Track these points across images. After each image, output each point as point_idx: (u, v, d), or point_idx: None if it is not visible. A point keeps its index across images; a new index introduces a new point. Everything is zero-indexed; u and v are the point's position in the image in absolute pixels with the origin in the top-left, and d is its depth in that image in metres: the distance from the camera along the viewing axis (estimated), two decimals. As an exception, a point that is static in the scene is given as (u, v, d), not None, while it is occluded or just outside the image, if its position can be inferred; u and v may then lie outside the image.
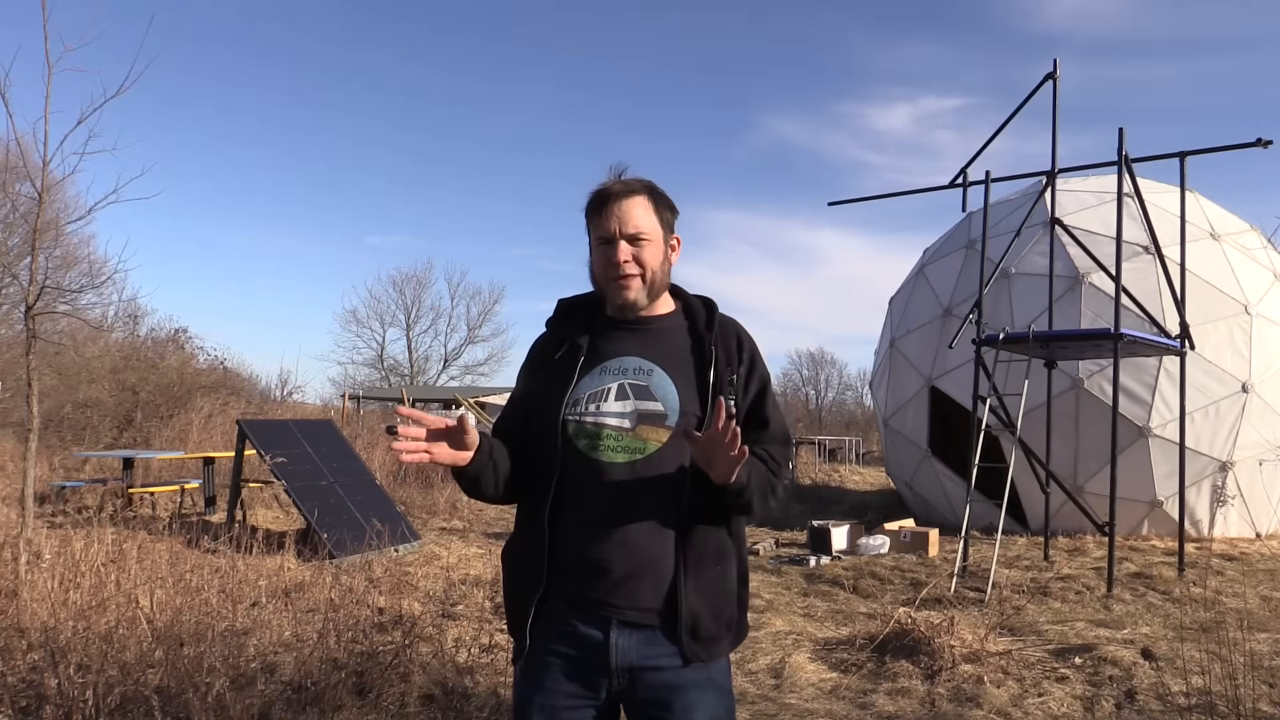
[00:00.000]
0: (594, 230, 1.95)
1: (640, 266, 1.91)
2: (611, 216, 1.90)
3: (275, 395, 29.67)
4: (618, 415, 1.86)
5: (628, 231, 1.90)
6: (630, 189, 1.93)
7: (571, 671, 1.83)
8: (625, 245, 1.90)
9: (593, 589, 1.82)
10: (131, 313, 24.52)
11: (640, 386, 1.88)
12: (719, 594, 1.85)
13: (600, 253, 1.93)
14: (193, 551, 6.71)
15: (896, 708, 4.32)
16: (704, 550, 1.84)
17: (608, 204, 1.91)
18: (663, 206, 1.96)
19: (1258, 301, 10.58)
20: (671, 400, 1.86)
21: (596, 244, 1.95)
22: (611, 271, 1.91)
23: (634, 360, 1.92)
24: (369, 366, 46.57)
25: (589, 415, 1.87)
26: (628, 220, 1.90)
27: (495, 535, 10.13)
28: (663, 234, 1.95)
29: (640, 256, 1.91)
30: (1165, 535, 9.91)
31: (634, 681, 1.81)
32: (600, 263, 1.94)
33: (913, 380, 12.00)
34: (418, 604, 5.58)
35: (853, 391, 50.46)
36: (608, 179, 1.96)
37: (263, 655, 4.05)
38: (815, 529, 9.33)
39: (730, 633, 1.89)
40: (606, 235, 1.91)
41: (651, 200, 1.94)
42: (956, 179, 9.45)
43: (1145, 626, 5.98)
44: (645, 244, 1.91)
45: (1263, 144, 8.10)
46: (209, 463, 11.25)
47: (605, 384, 1.90)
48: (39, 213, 6.78)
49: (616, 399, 1.88)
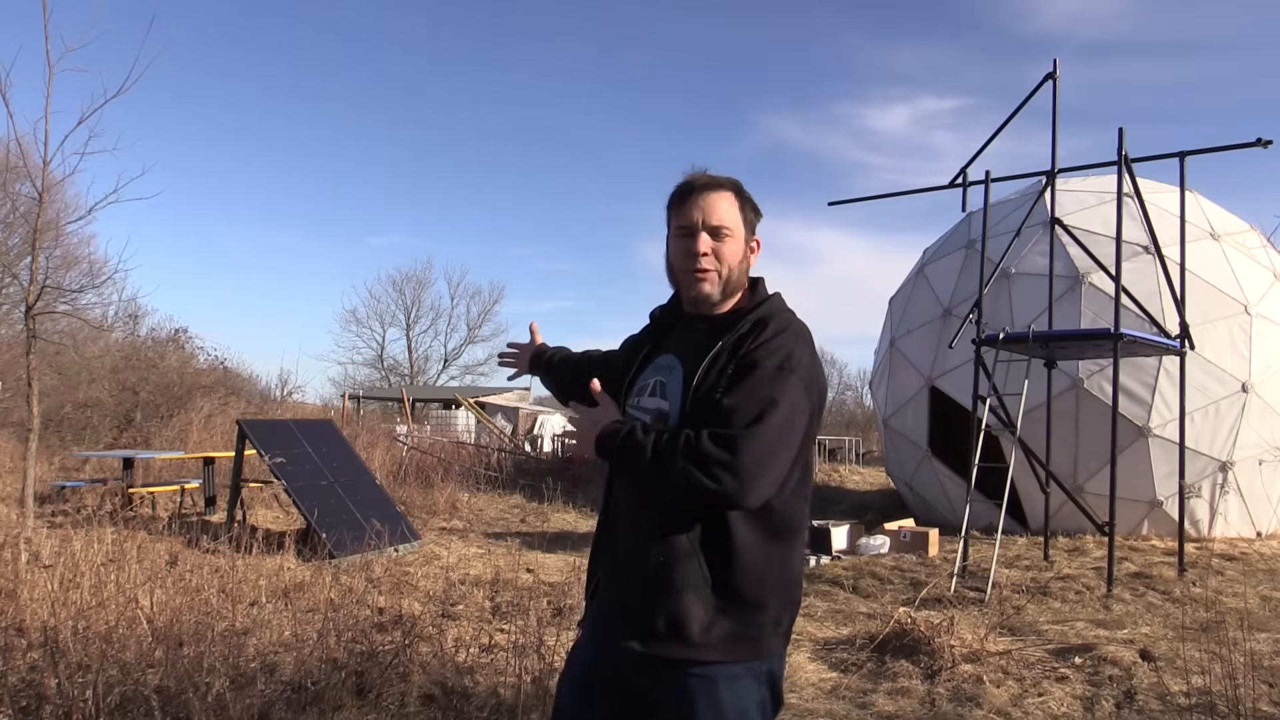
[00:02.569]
0: (675, 219, 1.90)
1: (719, 261, 1.87)
2: (695, 207, 1.86)
3: (275, 395, 29.72)
4: (646, 411, 1.90)
5: (711, 223, 1.86)
6: (717, 183, 1.89)
7: (596, 654, 1.90)
8: (706, 237, 1.86)
9: (608, 575, 1.91)
10: (131, 312, 24.57)
11: (664, 384, 1.90)
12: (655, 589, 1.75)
13: (680, 243, 1.89)
14: (192, 551, 6.71)
15: (896, 708, 4.32)
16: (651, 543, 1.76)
17: (693, 194, 1.87)
18: (747, 207, 1.92)
19: (1258, 301, 10.58)
20: (676, 398, 1.84)
21: (676, 234, 1.90)
22: (689, 262, 1.87)
23: (669, 357, 1.92)
24: (369, 366, 46.66)
25: (631, 408, 1.94)
26: (712, 212, 1.86)
27: (495, 535, 10.13)
28: (745, 233, 1.91)
29: (720, 251, 1.86)
30: (1165, 535, 9.91)
31: (632, 676, 1.82)
32: (679, 253, 1.89)
33: (913, 380, 12.00)
34: (418, 604, 5.58)
35: (853, 391, 50.40)
36: (692, 174, 1.92)
37: (262, 655, 4.05)
38: (815, 529, 9.33)
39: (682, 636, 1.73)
40: (688, 225, 1.87)
41: (738, 197, 1.90)
42: (956, 179, 9.45)
43: (1145, 626, 5.98)
44: (727, 238, 1.87)
45: (1263, 144, 8.10)
46: (209, 463, 11.24)
47: (650, 379, 1.93)
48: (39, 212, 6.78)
49: (650, 395, 1.91)
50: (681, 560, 1.74)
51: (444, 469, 14.09)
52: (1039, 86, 8.69)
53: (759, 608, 1.77)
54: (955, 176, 9.46)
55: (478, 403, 23.30)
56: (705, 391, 1.76)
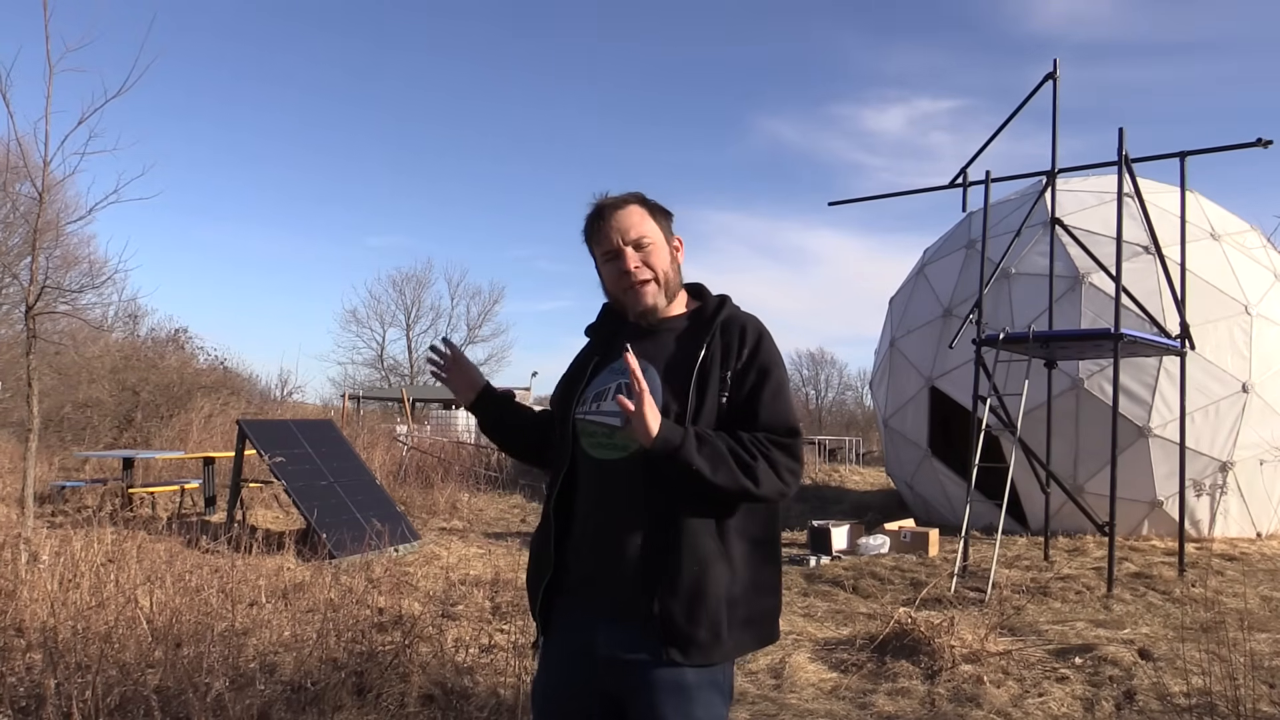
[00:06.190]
0: (597, 248, 1.97)
1: (651, 270, 1.92)
2: (611, 229, 1.93)
3: (275, 395, 29.76)
4: (613, 414, 1.88)
5: (630, 239, 1.92)
6: (622, 200, 1.96)
7: (570, 661, 1.88)
8: (631, 252, 1.91)
9: (581, 582, 1.88)
10: (131, 313, 24.58)
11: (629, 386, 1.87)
12: (693, 596, 1.76)
13: (609, 268, 1.95)
14: (192, 551, 6.71)
15: (896, 708, 4.32)
16: (681, 550, 1.77)
17: (605, 218, 1.94)
18: (656, 212, 1.98)
19: (1258, 301, 10.58)
20: (656, 399, 1.84)
21: (603, 261, 1.96)
22: (625, 280, 1.92)
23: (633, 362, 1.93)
24: (369, 366, 46.66)
25: (591, 413, 1.92)
26: (628, 228, 1.92)
27: (495, 535, 10.13)
28: (663, 236, 1.97)
29: (648, 260, 1.93)
30: (1165, 535, 9.90)
31: (616, 676, 1.81)
32: (611, 277, 1.95)
33: (913, 380, 12.00)
34: (418, 604, 5.58)
35: (853, 391, 50.53)
36: (595, 199, 1.98)
37: (262, 655, 4.05)
38: (815, 529, 9.33)
39: (715, 638, 1.77)
40: (610, 249, 1.93)
41: (644, 207, 1.97)
42: (957, 179, 9.45)
43: (1145, 626, 5.98)
44: (650, 248, 1.93)
45: (1263, 144, 8.09)
46: (209, 463, 11.24)
47: (609, 383, 1.93)
48: (39, 213, 6.78)
49: (614, 397, 1.88)
50: (713, 562, 1.79)
51: (444, 469, 14.10)
52: (1039, 86, 8.69)
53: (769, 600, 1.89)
54: (955, 177, 9.46)
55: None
56: (710, 397, 1.83)
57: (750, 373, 1.85)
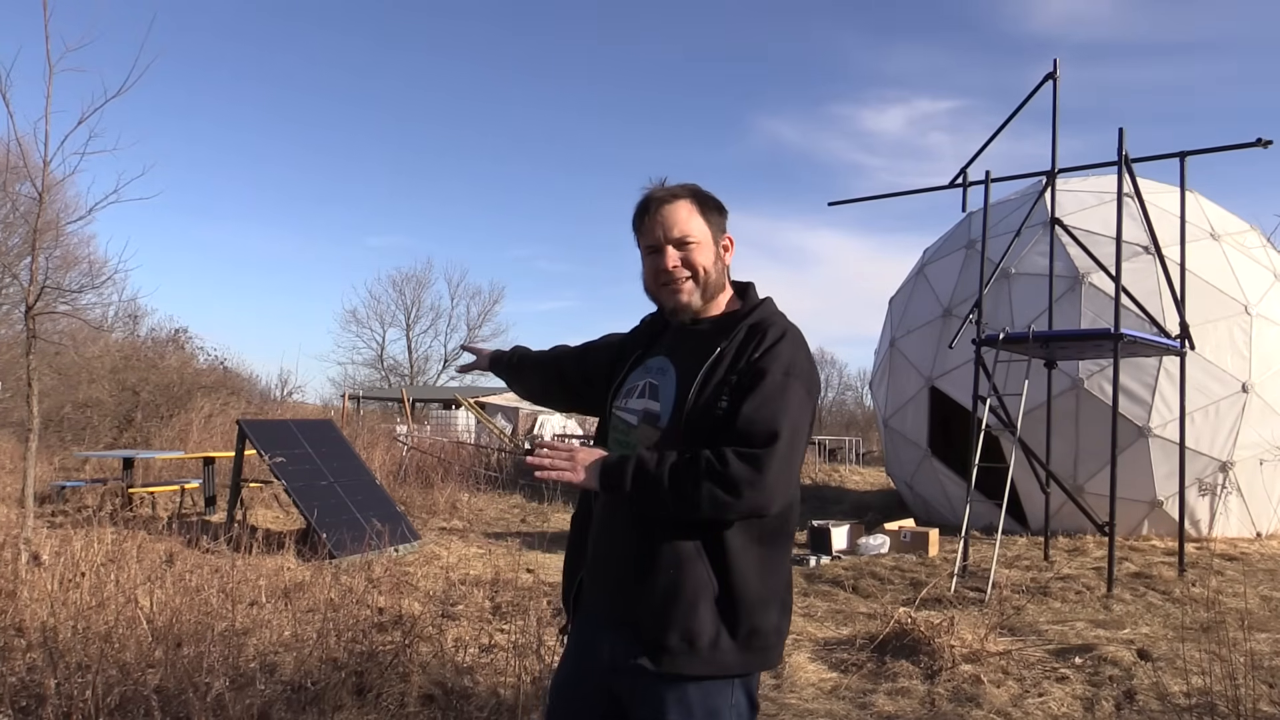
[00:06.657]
0: (641, 240, 1.92)
1: (690, 269, 1.87)
2: (656, 224, 1.87)
3: (275, 395, 29.78)
4: (633, 412, 1.88)
5: (673, 236, 1.87)
6: (673, 194, 1.90)
7: (583, 658, 1.87)
8: (672, 251, 1.87)
9: (591, 581, 1.88)
10: (131, 313, 24.60)
11: (655, 386, 1.88)
12: (668, 604, 1.71)
13: (649, 261, 1.91)
14: (192, 551, 6.71)
15: (896, 708, 4.32)
16: (659, 553, 1.73)
17: (650, 212, 1.89)
18: (709, 208, 1.92)
19: (1258, 301, 10.57)
20: (669, 401, 1.83)
21: (645, 253, 1.92)
22: (661, 278, 1.89)
23: (660, 360, 1.92)
24: (369, 366, 46.68)
25: (619, 408, 1.93)
26: (672, 225, 1.86)
27: (495, 535, 10.13)
28: (711, 235, 1.91)
29: (690, 260, 1.87)
30: (1165, 535, 9.90)
31: (618, 679, 1.80)
32: (650, 271, 1.92)
33: (913, 380, 11.99)
34: (418, 604, 5.57)
35: (853, 391, 50.52)
36: (649, 187, 1.92)
37: (262, 655, 4.05)
38: (815, 529, 9.33)
39: (689, 646, 1.70)
40: (653, 243, 1.89)
41: (696, 203, 1.90)
42: (956, 179, 9.45)
43: (1145, 626, 5.98)
44: (693, 247, 1.87)
45: (1263, 144, 8.09)
46: (209, 463, 11.24)
47: (639, 381, 1.92)
48: (39, 213, 6.78)
49: (639, 396, 1.90)
50: (689, 569, 1.72)
51: (444, 469, 14.09)
52: (1039, 86, 8.69)
53: (765, 614, 1.76)
54: (955, 177, 9.46)
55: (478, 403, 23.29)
56: (707, 399, 1.76)
57: (749, 374, 1.76)
